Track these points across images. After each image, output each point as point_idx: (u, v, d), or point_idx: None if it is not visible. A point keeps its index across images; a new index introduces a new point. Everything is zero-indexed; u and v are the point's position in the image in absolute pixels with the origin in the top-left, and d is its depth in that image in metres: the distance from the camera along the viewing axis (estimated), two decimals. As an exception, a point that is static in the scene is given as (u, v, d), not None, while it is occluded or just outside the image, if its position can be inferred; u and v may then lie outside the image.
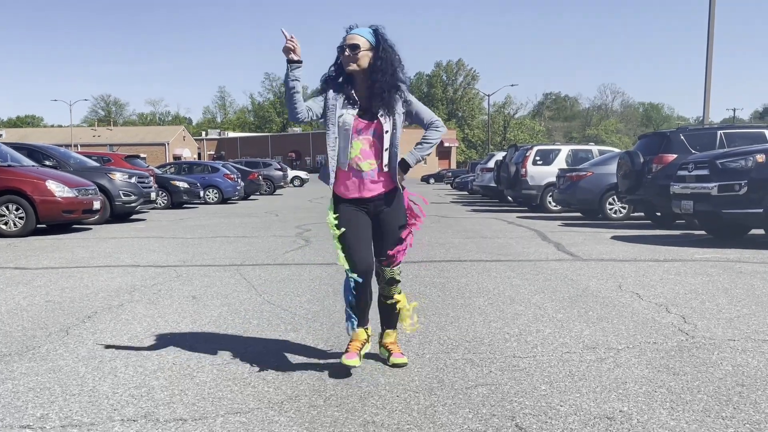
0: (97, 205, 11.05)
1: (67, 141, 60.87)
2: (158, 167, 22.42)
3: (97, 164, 14.20)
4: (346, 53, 3.08)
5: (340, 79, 3.18)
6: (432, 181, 54.58)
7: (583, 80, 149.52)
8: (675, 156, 10.44)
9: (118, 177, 12.73)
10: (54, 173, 10.93)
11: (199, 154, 79.92)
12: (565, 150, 16.18)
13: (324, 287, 5.49)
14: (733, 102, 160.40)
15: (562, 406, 2.69)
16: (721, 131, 10.88)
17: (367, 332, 3.33)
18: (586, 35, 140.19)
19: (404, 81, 3.17)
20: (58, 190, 10.10)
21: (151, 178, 14.41)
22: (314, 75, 3.41)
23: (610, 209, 12.89)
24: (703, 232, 9.67)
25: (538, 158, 15.87)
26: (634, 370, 3.15)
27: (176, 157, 68.17)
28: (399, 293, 3.33)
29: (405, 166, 3.23)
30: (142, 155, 21.36)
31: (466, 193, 29.86)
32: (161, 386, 2.97)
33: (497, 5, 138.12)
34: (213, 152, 79.40)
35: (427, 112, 3.28)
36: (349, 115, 3.13)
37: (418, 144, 3.26)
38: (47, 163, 12.48)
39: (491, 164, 20.39)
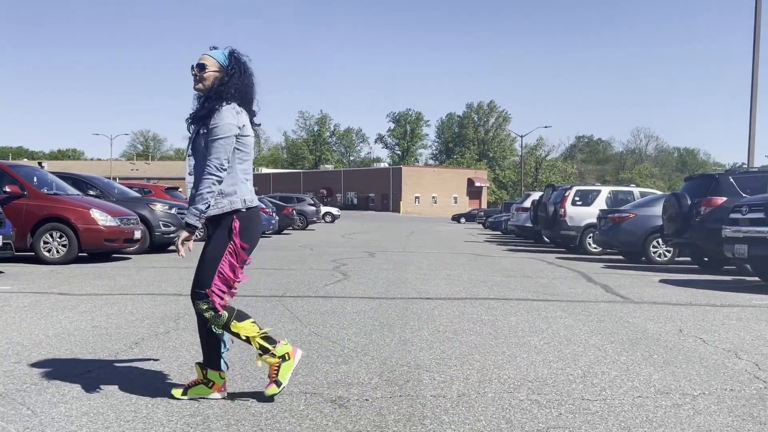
0: (137, 234, 11.15)
1: (107, 174, 62.41)
2: (195, 200, 22.63)
3: (139, 195, 14.42)
4: (193, 72, 3.03)
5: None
6: (463, 220, 54.34)
7: (617, 123, 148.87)
8: (724, 199, 10.14)
9: (159, 208, 12.88)
10: (98, 202, 11.10)
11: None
12: (605, 191, 15.92)
13: (369, 321, 5.36)
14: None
15: (647, 453, 2.49)
16: (773, 174, 10.57)
17: (203, 372, 3.06)
18: (621, 78, 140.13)
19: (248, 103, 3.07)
20: (102, 218, 10.22)
21: (190, 209, 14.53)
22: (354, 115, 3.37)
23: (654, 252, 12.54)
24: (756, 279, 9.30)
25: (577, 198, 15.63)
26: (716, 418, 2.93)
27: (210, 192, 69.17)
28: (220, 326, 2.99)
29: (186, 225, 2.90)
30: (179, 189, 21.65)
31: (499, 233, 29.55)
32: (216, 415, 2.86)
33: (530, 48, 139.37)
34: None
35: (209, 151, 2.90)
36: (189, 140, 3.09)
37: None
38: (91, 192, 12.70)
39: (527, 204, 20.16)
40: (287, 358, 3.05)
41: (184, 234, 2.92)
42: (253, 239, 3.05)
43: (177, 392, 3.07)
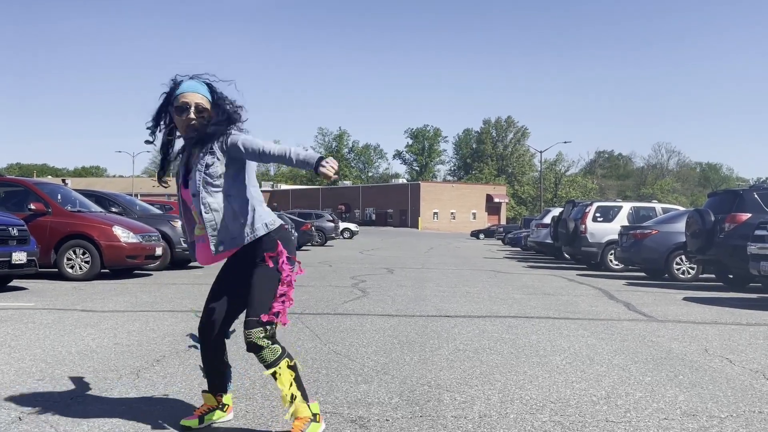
0: (159, 251, 11.25)
1: (129, 190, 63.24)
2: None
3: (160, 212, 14.58)
4: (191, 116, 2.71)
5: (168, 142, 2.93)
6: (482, 236, 54.05)
7: (637, 138, 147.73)
8: (749, 215, 9.99)
9: (180, 224, 13.00)
10: (120, 219, 11.24)
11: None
12: (626, 207, 15.77)
13: (389, 339, 5.33)
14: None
15: (674, 478, 2.44)
16: (798, 190, 10.39)
17: (216, 399, 3.00)
18: (641, 93, 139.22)
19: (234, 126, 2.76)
20: (124, 235, 10.35)
21: (211, 226, 14.64)
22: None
23: (678, 269, 12.35)
24: (783, 296, 9.11)
25: (598, 215, 15.49)
26: (745, 442, 2.86)
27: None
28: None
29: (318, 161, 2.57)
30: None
31: (518, 249, 29.37)
32: (237, 436, 2.86)
33: (548, 63, 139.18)
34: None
35: (248, 139, 2.67)
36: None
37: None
38: (113, 209, 12.88)
39: (547, 220, 20.03)
40: (318, 419, 2.79)
41: (326, 161, 2.54)
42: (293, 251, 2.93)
43: (192, 422, 2.91)
